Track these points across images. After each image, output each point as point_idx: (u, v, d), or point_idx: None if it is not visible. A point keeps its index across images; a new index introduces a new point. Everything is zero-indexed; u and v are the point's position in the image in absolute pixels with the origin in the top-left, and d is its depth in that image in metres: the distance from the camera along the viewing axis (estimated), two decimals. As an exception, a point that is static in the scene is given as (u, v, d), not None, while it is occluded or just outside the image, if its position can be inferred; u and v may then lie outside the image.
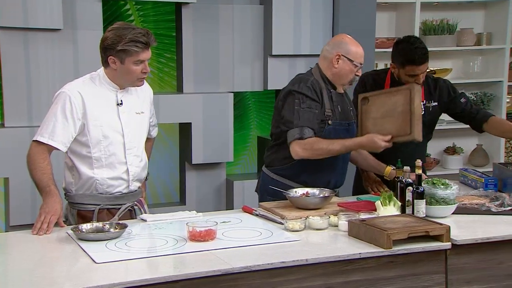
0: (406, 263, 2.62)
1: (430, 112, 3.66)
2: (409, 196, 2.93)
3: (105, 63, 2.97)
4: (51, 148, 2.92)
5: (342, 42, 3.30)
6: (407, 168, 2.99)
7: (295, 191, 3.16)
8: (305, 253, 2.51)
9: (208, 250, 2.51)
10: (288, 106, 3.24)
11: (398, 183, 2.98)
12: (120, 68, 2.93)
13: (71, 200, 3.04)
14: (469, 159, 5.81)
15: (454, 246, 2.67)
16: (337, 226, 2.83)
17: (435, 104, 3.68)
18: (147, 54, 2.93)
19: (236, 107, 4.99)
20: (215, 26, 4.68)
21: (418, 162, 2.95)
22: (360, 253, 2.54)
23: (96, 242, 2.61)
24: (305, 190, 3.16)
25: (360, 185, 3.72)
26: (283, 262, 2.42)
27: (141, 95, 3.13)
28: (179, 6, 4.64)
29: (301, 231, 2.79)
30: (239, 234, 2.73)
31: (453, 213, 3.01)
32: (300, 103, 3.21)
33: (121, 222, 2.82)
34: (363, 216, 2.82)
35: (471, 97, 5.60)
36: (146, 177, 3.23)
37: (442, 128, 5.38)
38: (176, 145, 4.99)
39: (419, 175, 2.93)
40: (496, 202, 3.16)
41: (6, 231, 4.17)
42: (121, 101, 3.01)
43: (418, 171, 2.94)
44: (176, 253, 2.50)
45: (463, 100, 3.70)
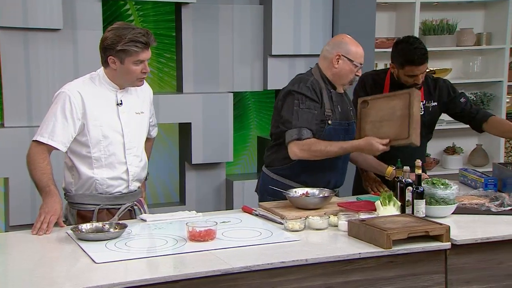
0: (406, 263, 2.62)
1: (430, 112, 3.66)
2: (408, 196, 2.93)
3: (105, 63, 2.97)
4: (50, 148, 2.92)
5: (342, 42, 3.30)
6: (406, 168, 2.99)
7: (295, 191, 3.16)
8: (305, 253, 2.51)
9: (208, 250, 2.51)
10: (288, 106, 3.24)
11: (398, 183, 2.98)
12: (120, 68, 2.93)
13: (70, 200, 3.04)
14: (469, 159, 5.81)
15: (454, 246, 2.67)
16: (337, 226, 2.83)
17: (434, 104, 3.68)
18: (147, 54, 2.93)
19: (236, 107, 4.99)
20: (215, 26, 4.68)
21: (418, 162, 2.95)
22: (360, 253, 2.54)
23: (96, 242, 2.61)
24: (304, 190, 3.16)
25: (360, 185, 3.72)
26: (282, 262, 2.42)
27: (141, 95, 3.13)
28: (179, 6, 4.64)
29: (300, 231, 2.79)
30: (239, 234, 2.73)
31: (452, 213, 3.01)
32: (299, 103, 3.21)
33: (120, 222, 2.81)
34: (362, 216, 2.82)
35: (471, 97, 5.60)
36: (146, 177, 3.22)
37: (442, 128, 5.38)
38: (176, 145, 4.98)
39: (419, 175, 2.93)
40: (496, 202, 3.16)
41: (6, 231, 4.16)
42: (121, 101, 3.01)
43: (418, 171, 2.94)
44: (176, 253, 2.50)
45: (462, 100, 3.70)
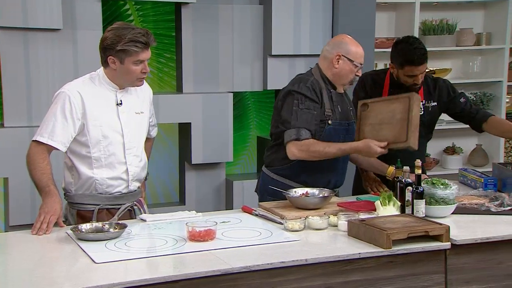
0: (405, 263, 2.62)
1: (430, 112, 3.66)
2: (408, 196, 2.93)
3: (104, 63, 2.97)
4: (50, 148, 2.92)
5: (342, 42, 3.30)
6: (406, 168, 2.99)
7: (295, 191, 3.16)
8: (305, 253, 2.51)
9: (207, 250, 2.51)
10: (287, 106, 3.24)
11: (398, 183, 2.99)
12: (119, 68, 2.93)
13: (70, 200, 3.04)
14: (469, 159, 5.81)
15: (454, 246, 2.67)
16: (336, 226, 2.83)
17: (434, 104, 3.68)
18: (146, 54, 2.93)
19: (236, 107, 4.99)
20: (215, 26, 4.68)
21: (418, 162, 2.95)
22: (359, 253, 2.54)
23: (96, 242, 2.61)
24: (304, 190, 3.16)
25: (360, 185, 3.72)
26: (282, 262, 2.42)
27: (140, 95, 3.13)
28: (178, 6, 4.64)
29: (300, 231, 2.79)
30: (238, 234, 2.73)
31: (452, 213, 3.01)
32: (298, 103, 3.21)
33: (120, 222, 2.81)
34: (362, 216, 2.82)
35: (470, 97, 5.60)
36: (146, 177, 3.22)
37: (442, 128, 5.38)
38: (175, 145, 4.98)
39: (419, 175, 2.94)
40: (496, 202, 3.16)
41: (6, 231, 4.16)
42: (121, 101, 3.01)
43: (418, 171, 2.94)
44: (175, 253, 2.50)
45: (462, 100, 3.70)
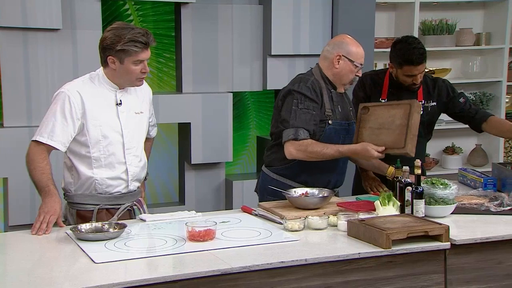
0: (405, 263, 2.62)
1: (429, 112, 3.66)
2: (408, 196, 2.93)
3: (104, 63, 2.97)
4: (50, 148, 2.91)
5: (343, 43, 3.30)
6: (406, 168, 2.99)
7: (294, 191, 3.16)
8: (304, 253, 2.51)
9: (207, 250, 2.51)
10: (287, 106, 3.24)
11: (397, 183, 2.99)
12: (119, 68, 2.93)
13: (70, 200, 3.04)
14: (468, 159, 5.81)
15: (453, 246, 2.67)
16: (336, 226, 2.83)
17: (433, 104, 3.68)
18: (146, 54, 2.93)
19: (235, 107, 4.99)
20: (214, 26, 4.68)
21: (417, 162, 2.95)
22: (359, 253, 2.54)
23: (95, 242, 2.61)
24: (304, 190, 3.16)
25: (360, 185, 3.71)
26: (282, 262, 2.42)
27: (140, 95, 3.13)
28: (178, 6, 4.63)
29: (300, 231, 2.79)
30: (238, 234, 2.73)
31: (452, 213, 3.01)
32: (298, 103, 3.21)
33: (120, 222, 2.81)
34: (362, 216, 2.82)
35: (470, 97, 5.60)
36: (145, 177, 3.22)
37: (441, 128, 5.38)
38: (175, 145, 4.98)
39: (418, 175, 2.94)
40: (495, 202, 3.16)
41: (5, 231, 4.16)
42: (120, 101, 3.01)
43: (417, 171, 2.94)
44: (175, 253, 2.50)
45: (462, 100, 3.69)
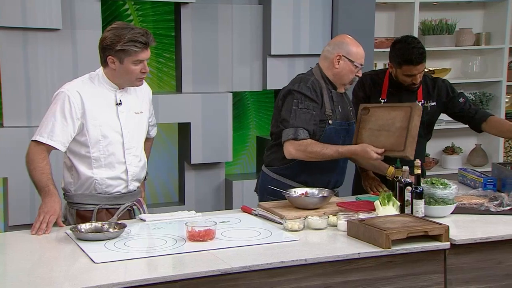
0: (405, 263, 2.62)
1: (429, 112, 3.66)
2: (408, 196, 2.93)
3: (104, 63, 2.96)
4: (50, 148, 2.91)
5: (343, 43, 3.30)
6: (406, 168, 2.99)
7: (294, 191, 3.16)
8: (304, 253, 2.51)
9: (207, 250, 2.51)
10: (287, 105, 3.24)
11: (397, 183, 2.99)
12: (119, 68, 2.93)
13: (70, 200, 3.04)
14: (468, 159, 5.81)
15: (453, 246, 2.67)
16: (336, 226, 2.83)
17: (433, 104, 3.68)
18: (146, 54, 2.93)
19: (235, 107, 4.99)
20: (214, 26, 4.68)
21: (417, 162, 2.95)
22: (359, 253, 2.54)
23: (95, 242, 2.61)
24: (304, 190, 3.16)
25: (359, 185, 3.71)
26: (282, 262, 2.42)
27: (140, 95, 3.13)
28: (178, 6, 4.63)
29: (300, 231, 2.79)
30: (238, 234, 2.73)
31: (452, 213, 3.01)
32: (298, 103, 3.21)
33: (120, 222, 2.81)
34: (362, 216, 2.82)
35: (470, 97, 5.60)
36: (145, 177, 3.22)
37: (441, 128, 5.38)
38: (175, 145, 4.98)
39: (418, 175, 2.94)
40: (495, 202, 3.16)
41: (5, 231, 4.16)
42: (120, 101, 3.01)
43: (417, 171, 2.94)
44: (175, 253, 2.50)
45: (462, 100, 3.69)
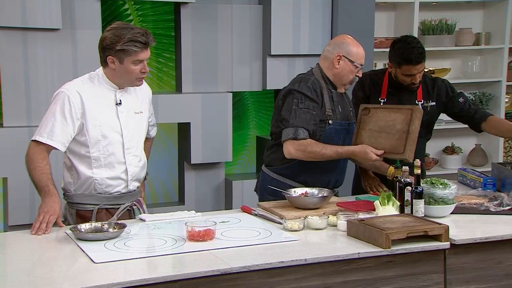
0: (405, 263, 2.62)
1: (428, 112, 3.65)
2: (408, 195, 2.93)
3: (104, 63, 2.96)
4: (50, 148, 2.91)
5: (343, 43, 3.30)
6: (406, 168, 2.99)
7: (294, 191, 3.16)
8: (304, 253, 2.51)
9: (207, 250, 2.51)
10: (287, 105, 3.24)
11: (397, 183, 2.99)
12: (119, 67, 2.93)
13: (70, 200, 3.04)
14: (468, 159, 5.81)
15: (453, 245, 2.67)
16: (336, 226, 2.83)
17: (433, 103, 3.68)
18: (146, 54, 2.93)
19: (235, 107, 4.99)
20: (214, 25, 4.68)
21: (417, 162, 2.95)
22: (359, 252, 2.55)
23: (95, 242, 2.61)
24: (304, 190, 3.16)
25: (359, 185, 3.71)
26: (281, 262, 2.42)
27: (140, 94, 3.13)
28: (178, 5, 4.63)
29: (300, 231, 2.79)
30: (238, 234, 2.73)
31: (451, 213, 3.01)
32: (298, 102, 3.21)
33: (119, 222, 2.81)
34: (362, 216, 2.82)
35: (469, 97, 5.60)
36: (145, 177, 3.22)
37: (441, 128, 5.38)
38: (175, 145, 4.98)
39: (418, 175, 2.94)
40: (495, 202, 3.17)
41: (5, 231, 4.16)
42: (120, 100, 3.01)
43: (417, 171, 2.94)
44: (175, 253, 2.50)
45: (461, 100, 3.69)
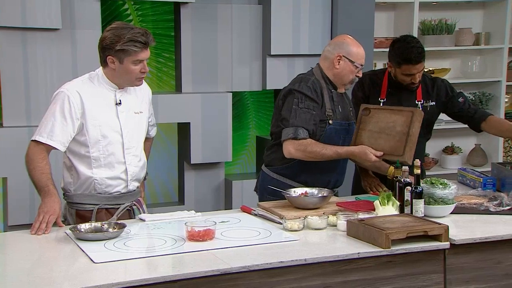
0: (404, 262, 2.62)
1: (428, 112, 3.65)
2: (407, 195, 2.93)
3: (103, 62, 2.96)
4: (49, 148, 2.91)
5: (344, 43, 3.30)
6: (405, 168, 2.99)
7: (294, 191, 3.16)
8: (304, 252, 2.51)
9: (206, 250, 2.51)
10: (287, 105, 3.24)
11: (397, 182, 2.99)
12: (119, 67, 2.93)
13: (69, 200, 3.04)
14: (468, 159, 5.81)
15: (453, 245, 2.67)
16: (335, 226, 2.83)
17: (432, 103, 3.68)
18: (146, 54, 2.93)
19: (235, 107, 4.99)
20: (214, 25, 4.68)
21: (417, 162, 2.95)
22: (358, 252, 2.55)
23: (95, 242, 2.61)
24: (303, 190, 3.16)
25: (359, 185, 3.71)
26: (281, 262, 2.42)
27: (139, 94, 3.13)
28: (177, 5, 4.63)
29: (299, 230, 2.79)
30: (237, 234, 2.73)
31: (451, 213, 3.01)
32: (298, 102, 3.21)
33: (119, 222, 2.81)
34: (361, 215, 2.82)
35: (469, 97, 5.60)
36: (145, 177, 3.22)
37: (441, 128, 5.38)
38: (174, 144, 4.98)
39: (418, 174, 2.94)
40: (495, 202, 3.17)
41: (5, 231, 4.16)
42: (120, 100, 3.01)
43: (417, 171, 2.94)
44: (174, 253, 2.50)
45: (461, 100, 3.69)
